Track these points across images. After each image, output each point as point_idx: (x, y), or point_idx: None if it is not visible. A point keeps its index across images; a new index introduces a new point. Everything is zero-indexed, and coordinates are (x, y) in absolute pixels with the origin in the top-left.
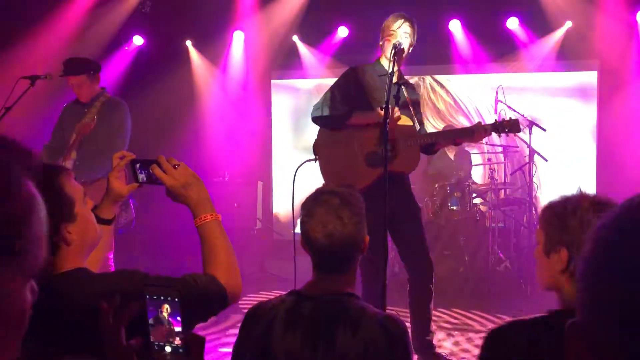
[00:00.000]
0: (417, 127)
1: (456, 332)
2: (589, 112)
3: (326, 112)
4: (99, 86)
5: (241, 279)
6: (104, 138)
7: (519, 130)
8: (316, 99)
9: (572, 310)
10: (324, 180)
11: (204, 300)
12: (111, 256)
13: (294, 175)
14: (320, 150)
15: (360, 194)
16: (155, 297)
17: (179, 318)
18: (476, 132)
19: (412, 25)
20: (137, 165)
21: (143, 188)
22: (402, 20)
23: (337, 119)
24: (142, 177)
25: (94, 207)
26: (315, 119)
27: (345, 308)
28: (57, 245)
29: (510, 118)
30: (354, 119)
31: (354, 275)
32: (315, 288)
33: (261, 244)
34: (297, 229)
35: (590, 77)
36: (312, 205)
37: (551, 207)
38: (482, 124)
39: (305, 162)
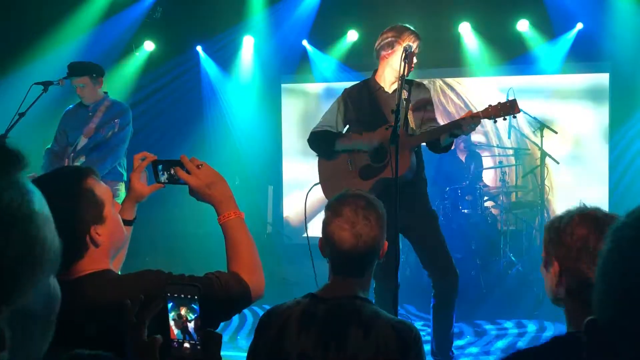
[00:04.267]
0: (413, 128)
1: (469, 337)
2: (601, 114)
3: (316, 137)
4: (101, 91)
5: (264, 276)
6: (106, 140)
7: (518, 111)
8: (326, 103)
9: (574, 332)
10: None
11: (227, 298)
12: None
13: (305, 197)
14: (319, 171)
15: None
16: (176, 295)
17: (198, 315)
18: (464, 124)
19: (418, 38)
20: (159, 166)
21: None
22: (409, 32)
23: (324, 144)
24: (164, 177)
25: None
26: (310, 143)
27: (358, 311)
28: (86, 246)
29: (507, 100)
30: (340, 144)
31: (369, 280)
32: (330, 291)
33: (272, 249)
34: (307, 233)
35: (602, 79)
36: (339, 205)
37: (551, 222)
38: (472, 112)
39: (313, 185)
